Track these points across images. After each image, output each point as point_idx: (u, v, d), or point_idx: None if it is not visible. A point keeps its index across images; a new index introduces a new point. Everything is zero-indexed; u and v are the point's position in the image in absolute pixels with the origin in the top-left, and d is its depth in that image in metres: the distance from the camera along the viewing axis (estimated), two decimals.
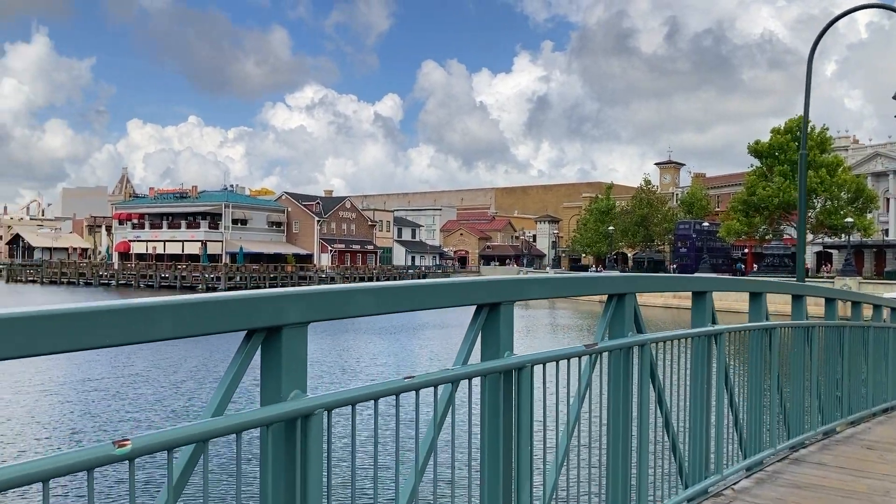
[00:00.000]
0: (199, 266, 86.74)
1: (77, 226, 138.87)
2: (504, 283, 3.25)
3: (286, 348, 2.22)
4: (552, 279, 4.44)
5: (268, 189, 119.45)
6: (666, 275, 10.28)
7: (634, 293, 4.21)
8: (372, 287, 2.60)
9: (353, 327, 42.40)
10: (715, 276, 5.89)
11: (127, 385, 22.84)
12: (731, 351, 5.48)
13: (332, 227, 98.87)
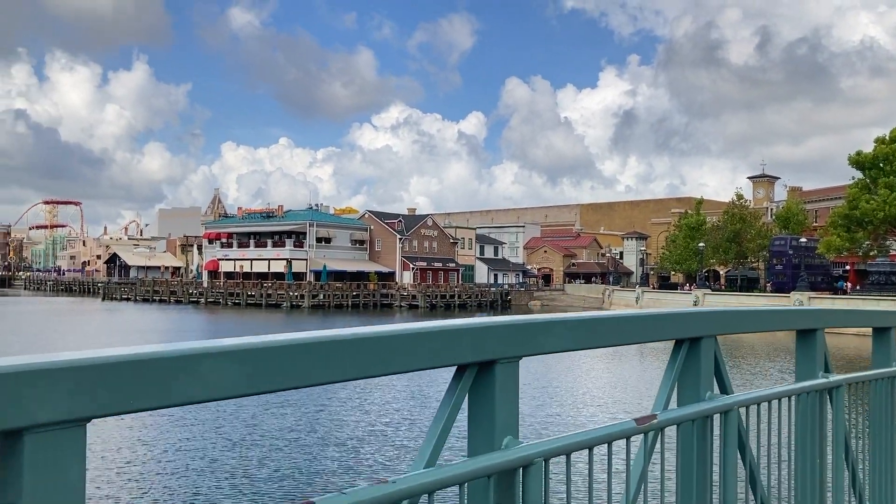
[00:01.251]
0: (284, 284, 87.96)
1: (171, 245, 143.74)
2: (714, 314, 2.96)
3: (499, 386, 2.01)
4: (756, 312, 3.73)
5: (352, 208, 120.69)
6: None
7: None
8: (579, 318, 2.40)
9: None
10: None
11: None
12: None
13: (413, 244, 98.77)
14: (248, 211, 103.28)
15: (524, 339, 2.11)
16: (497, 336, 2.01)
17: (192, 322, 64.27)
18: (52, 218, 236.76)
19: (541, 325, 2.21)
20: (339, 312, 77.75)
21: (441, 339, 1.88)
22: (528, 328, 2.15)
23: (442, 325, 1.89)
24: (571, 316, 2.35)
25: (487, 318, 2.06)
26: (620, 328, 2.59)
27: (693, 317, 2.86)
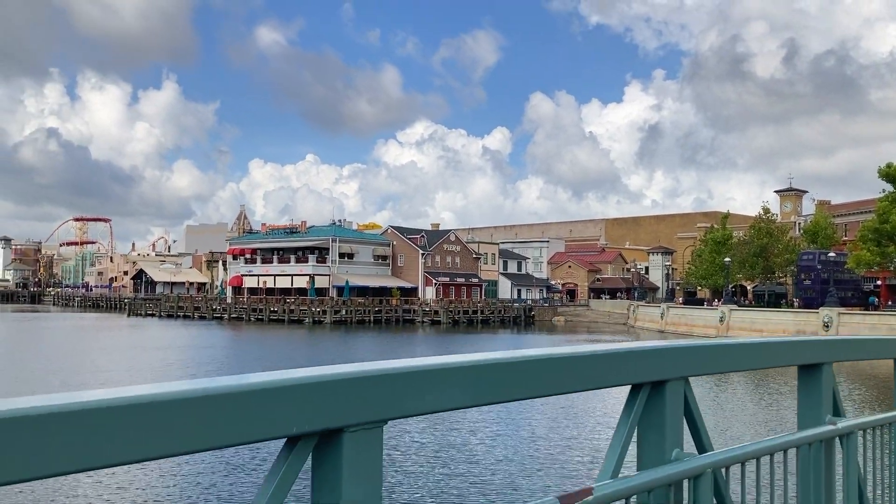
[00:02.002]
0: (307, 300, 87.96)
1: (196, 261, 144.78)
2: (682, 350, 2.71)
3: (669, 404, 2.26)
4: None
5: (375, 223, 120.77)
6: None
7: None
8: (750, 343, 2.77)
9: None
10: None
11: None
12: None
13: (436, 260, 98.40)
14: (272, 227, 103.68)
15: (692, 360, 2.38)
16: (668, 358, 2.27)
17: (213, 338, 64.30)
18: (82, 235, 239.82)
19: (708, 348, 2.51)
20: (361, 328, 77.47)
21: (620, 361, 2.16)
22: (696, 351, 2.42)
23: (620, 349, 2.16)
24: (736, 341, 2.68)
25: (659, 341, 2.38)
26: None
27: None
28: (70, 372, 36.93)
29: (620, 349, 2.15)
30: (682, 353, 2.33)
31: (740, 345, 2.75)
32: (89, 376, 35.04)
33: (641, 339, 71.34)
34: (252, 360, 45.15)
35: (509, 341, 67.04)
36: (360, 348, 55.72)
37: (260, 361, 44.00)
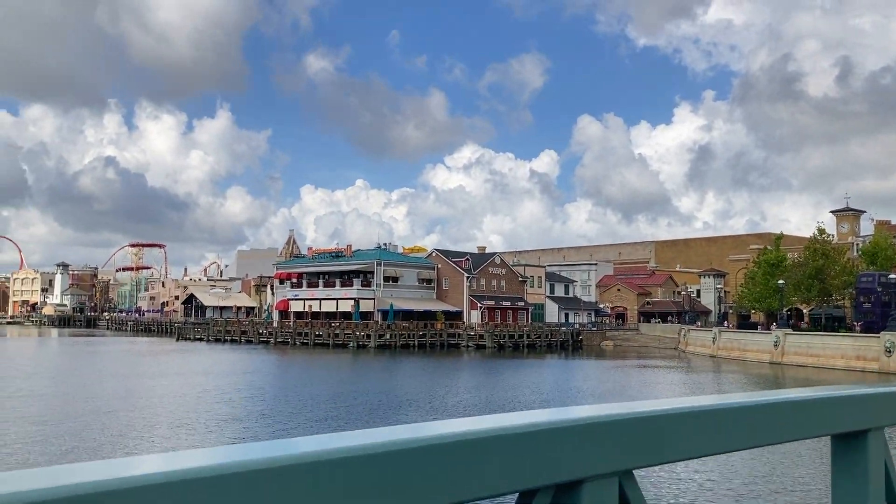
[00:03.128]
0: (352, 324, 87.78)
1: (245, 285, 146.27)
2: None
3: (872, 453, 2.03)
4: None
5: (420, 246, 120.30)
6: None
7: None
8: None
9: None
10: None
11: None
12: None
13: (481, 283, 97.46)
14: (318, 251, 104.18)
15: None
16: (870, 405, 2.04)
17: (254, 363, 64.34)
18: (137, 260, 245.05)
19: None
20: (406, 353, 76.80)
21: (818, 408, 1.93)
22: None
23: (818, 394, 1.94)
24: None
25: (860, 387, 2.07)
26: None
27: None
28: (117, 398, 37.02)
29: (824, 395, 1.92)
30: (886, 399, 2.04)
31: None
32: (135, 401, 35.06)
33: (692, 364, 69.38)
34: (292, 388, 44.74)
35: (557, 367, 65.61)
36: (405, 373, 54.99)
37: (299, 389, 43.58)
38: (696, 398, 1.52)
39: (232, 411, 31.66)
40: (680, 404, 1.46)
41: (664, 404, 1.44)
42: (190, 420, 28.92)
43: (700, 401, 1.51)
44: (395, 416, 30.81)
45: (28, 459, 21.04)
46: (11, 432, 25.62)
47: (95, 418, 29.15)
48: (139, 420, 28.95)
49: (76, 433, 25.58)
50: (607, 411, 1.31)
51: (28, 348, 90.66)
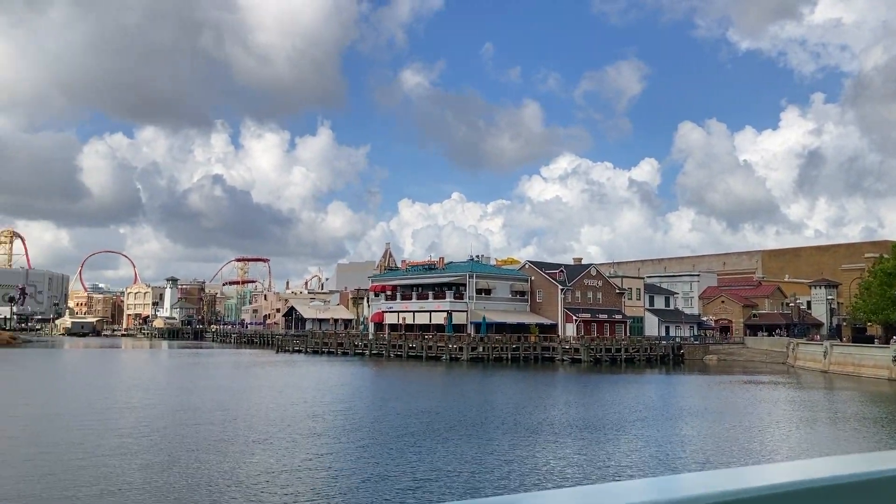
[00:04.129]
0: (445, 336, 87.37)
1: (343, 298, 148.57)
2: None
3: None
4: None
5: (514, 258, 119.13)
6: None
7: None
8: None
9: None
10: None
11: None
12: None
13: (576, 295, 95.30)
14: (411, 263, 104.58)
15: None
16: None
17: (348, 376, 64.67)
18: (243, 274, 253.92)
19: None
20: (499, 366, 75.67)
21: None
22: None
23: None
24: None
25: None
26: None
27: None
28: (233, 409, 37.59)
29: None
30: None
31: None
32: (251, 413, 35.47)
33: (802, 380, 65.23)
34: (393, 401, 44.45)
35: (658, 382, 63.05)
36: (499, 387, 53.97)
37: (405, 403, 43.22)
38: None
39: (338, 423, 31.45)
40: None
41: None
42: (304, 431, 28.84)
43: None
44: (499, 431, 29.83)
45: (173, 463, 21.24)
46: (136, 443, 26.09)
47: (219, 428, 29.47)
48: (261, 431, 29.07)
49: (197, 442, 25.82)
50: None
51: (141, 360, 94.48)
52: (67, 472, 21.21)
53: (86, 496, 18.44)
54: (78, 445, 25.76)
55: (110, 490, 19.09)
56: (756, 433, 31.14)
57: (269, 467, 22.24)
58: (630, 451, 26.39)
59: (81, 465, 22.20)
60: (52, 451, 24.77)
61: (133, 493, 18.80)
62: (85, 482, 19.89)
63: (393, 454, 24.57)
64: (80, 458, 23.28)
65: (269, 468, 22.09)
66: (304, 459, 23.58)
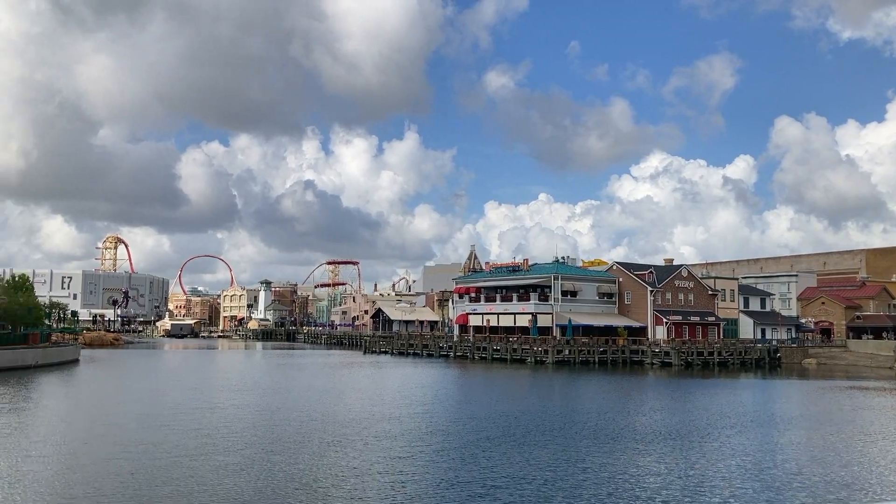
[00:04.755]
0: (529, 339, 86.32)
1: (429, 300, 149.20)
2: None
3: None
4: None
5: (601, 259, 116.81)
6: None
7: None
8: None
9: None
10: None
11: None
12: None
13: (667, 297, 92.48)
14: (495, 265, 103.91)
15: None
16: None
17: (430, 377, 64.56)
18: (334, 277, 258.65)
19: None
20: (585, 369, 74.10)
21: None
22: None
23: None
24: None
25: None
26: None
27: None
28: (302, 408, 38.00)
29: None
30: None
31: None
32: (341, 414, 35.74)
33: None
34: (483, 404, 44.02)
35: (754, 387, 60.31)
36: (584, 391, 52.77)
37: (490, 406, 42.76)
38: None
39: (414, 426, 31.20)
40: None
41: None
42: (379, 434, 28.75)
43: None
44: (580, 437, 28.92)
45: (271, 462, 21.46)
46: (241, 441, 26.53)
47: (313, 427, 29.74)
48: (337, 433, 29.17)
49: (294, 443, 26.06)
50: None
51: (235, 361, 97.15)
52: (142, 471, 21.56)
53: (156, 496, 18.62)
54: (158, 445, 26.29)
55: (179, 491, 19.23)
56: (858, 444, 29.10)
57: (339, 470, 22.05)
58: (717, 459, 25.01)
59: (159, 465, 22.56)
60: (133, 450, 25.33)
61: (200, 495, 18.89)
62: (157, 482, 20.13)
63: (466, 459, 24.03)
64: (156, 458, 23.69)
65: (339, 471, 21.89)
66: (374, 463, 23.31)
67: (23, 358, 64.84)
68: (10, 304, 71.72)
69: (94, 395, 48.43)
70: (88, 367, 73.34)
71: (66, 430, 30.41)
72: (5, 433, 29.13)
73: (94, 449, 25.86)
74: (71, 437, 28.35)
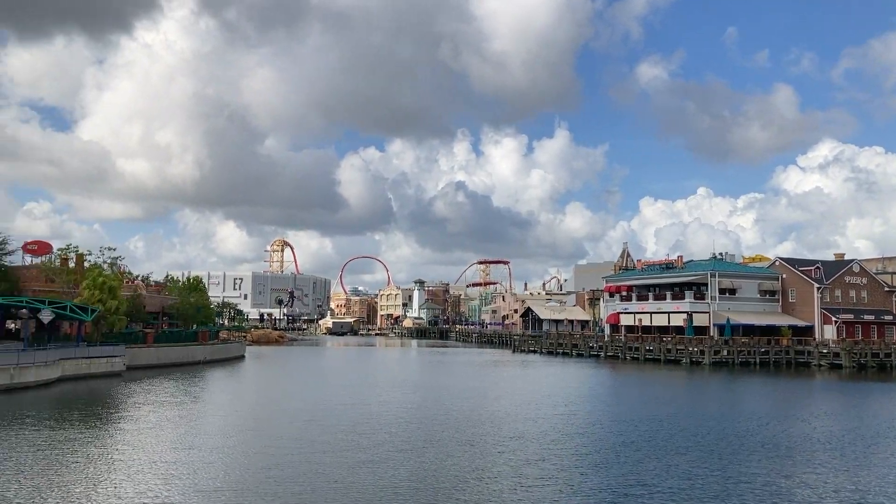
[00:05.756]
0: (684, 339, 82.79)
1: (580, 299, 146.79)
2: None
3: None
4: None
5: (763, 256, 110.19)
6: None
7: None
8: None
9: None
10: None
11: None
12: None
13: (836, 294, 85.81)
14: (647, 263, 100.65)
15: None
16: None
17: (585, 377, 63.31)
18: (485, 276, 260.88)
19: None
20: (745, 371, 70.09)
21: None
22: None
23: None
24: None
25: None
26: None
27: None
28: (442, 405, 38.39)
29: None
30: None
31: None
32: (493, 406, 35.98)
33: None
34: (601, 405, 42.79)
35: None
36: (743, 395, 49.89)
37: (610, 408, 41.53)
38: None
39: (553, 427, 30.65)
40: None
41: None
42: (513, 434, 28.50)
43: None
44: (732, 446, 27.21)
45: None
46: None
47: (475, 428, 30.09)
48: (469, 432, 29.23)
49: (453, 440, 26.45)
50: None
51: (390, 358, 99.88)
52: (282, 466, 22.27)
53: (286, 492, 19.12)
54: (301, 439, 27.18)
55: (311, 489, 19.65)
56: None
57: (461, 471, 21.76)
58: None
59: (293, 461, 23.24)
60: (274, 444, 26.31)
61: (321, 494, 19.19)
62: (287, 478, 20.70)
63: (600, 465, 23.10)
64: (293, 453, 24.43)
65: (461, 472, 21.61)
66: (502, 464, 22.86)
67: (192, 354, 69.62)
68: (181, 304, 77.32)
69: (251, 391, 51.16)
70: (252, 363, 77.69)
71: (218, 423, 32.13)
72: (157, 424, 31.15)
73: (239, 441, 27.08)
74: (220, 430, 29.87)
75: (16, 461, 22.19)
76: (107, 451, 24.44)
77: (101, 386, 47.70)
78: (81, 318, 53.94)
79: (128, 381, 50.84)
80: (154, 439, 27.05)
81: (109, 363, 54.81)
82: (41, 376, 45.47)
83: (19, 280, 62.77)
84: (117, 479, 20.15)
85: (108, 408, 37.90)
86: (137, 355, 61.34)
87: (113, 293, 58.30)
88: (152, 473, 20.92)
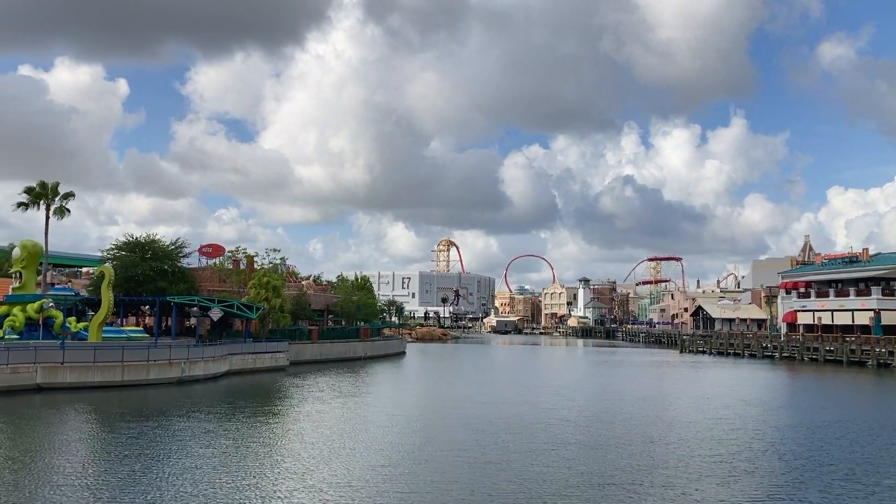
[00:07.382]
0: (871, 338, 75.51)
1: (755, 296, 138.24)
2: None
3: None
4: None
5: None
6: None
7: None
8: None
9: None
10: None
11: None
12: None
13: None
14: (828, 257, 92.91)
15: None
16: None
17: (756, 379, 59.34)
18: (655, 274, 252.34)
19: None
20: None
21: None
22: None
23: None
24: None
25: None
26: None
27: None
28: (585, 407, 37.40)
29: None
30: None
31: None
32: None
33: None
34: (765, 410, 39.65)
35: None
36: None
37: (772, 413, 38.46)
38: None
39: (694, 434, 28.86)
40: None
41: None
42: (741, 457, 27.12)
43: None
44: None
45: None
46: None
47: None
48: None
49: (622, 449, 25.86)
50: None
51: (554, 357, 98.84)
52: (394, 465, 22.18)
53: (402, 489, 18.96)
54: (431, 439, 27.08)
55: (418, 490, 19.37)
56: None
57: (581, 478, 20.65)
58: None
59: (416, 459, 23.09)
60: (399, 441, 26.34)
61: (419, 496, 18.82)
62: (406, 476, 20.53)
63: (745, 480, 21.16)
64: (416, 452, 24.32)
65: (580, 478, 20.50)
66: (634, 471, 21.50)
67: (353, 350, 72.16)
68: (343, 301, 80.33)
69: (397, 387, 51.97)
70: (412, 359, 79.31)
71: (351, 417, 32.78)
72: (297, 416, 32.15)
73: (367, 439, 27.36)
74: (352, 425, 30.40)
75: (190, 449, 23.77)
76: (274, 440, 25.97)
77: (264, 380, 50.32)
78: (247, 315, 57.25)
79: (290, 375, 53.32)
80: (312, 428, 28.00)
81: (274, 358, 57.75)
82: (209, 370, 48.55)
83: (196, 280, 67.70)
84: (287, 466, 21.34)
85: (271, 401, 39.86)
86: (301, 351, 64.29)
87: (277, 292, 61.44)
88: (317, 458, 22.26)
